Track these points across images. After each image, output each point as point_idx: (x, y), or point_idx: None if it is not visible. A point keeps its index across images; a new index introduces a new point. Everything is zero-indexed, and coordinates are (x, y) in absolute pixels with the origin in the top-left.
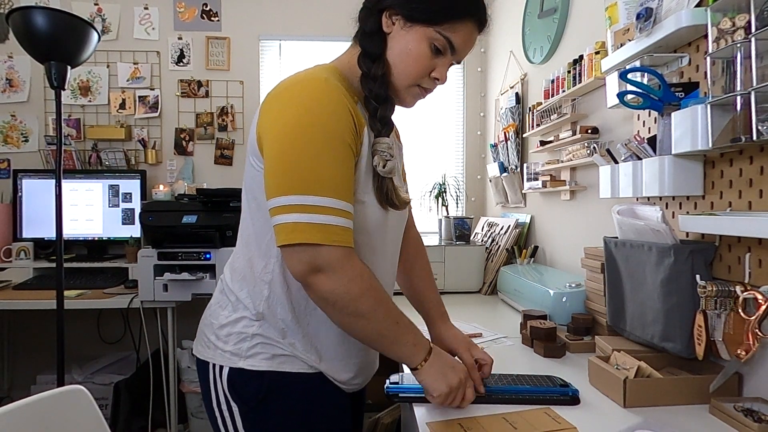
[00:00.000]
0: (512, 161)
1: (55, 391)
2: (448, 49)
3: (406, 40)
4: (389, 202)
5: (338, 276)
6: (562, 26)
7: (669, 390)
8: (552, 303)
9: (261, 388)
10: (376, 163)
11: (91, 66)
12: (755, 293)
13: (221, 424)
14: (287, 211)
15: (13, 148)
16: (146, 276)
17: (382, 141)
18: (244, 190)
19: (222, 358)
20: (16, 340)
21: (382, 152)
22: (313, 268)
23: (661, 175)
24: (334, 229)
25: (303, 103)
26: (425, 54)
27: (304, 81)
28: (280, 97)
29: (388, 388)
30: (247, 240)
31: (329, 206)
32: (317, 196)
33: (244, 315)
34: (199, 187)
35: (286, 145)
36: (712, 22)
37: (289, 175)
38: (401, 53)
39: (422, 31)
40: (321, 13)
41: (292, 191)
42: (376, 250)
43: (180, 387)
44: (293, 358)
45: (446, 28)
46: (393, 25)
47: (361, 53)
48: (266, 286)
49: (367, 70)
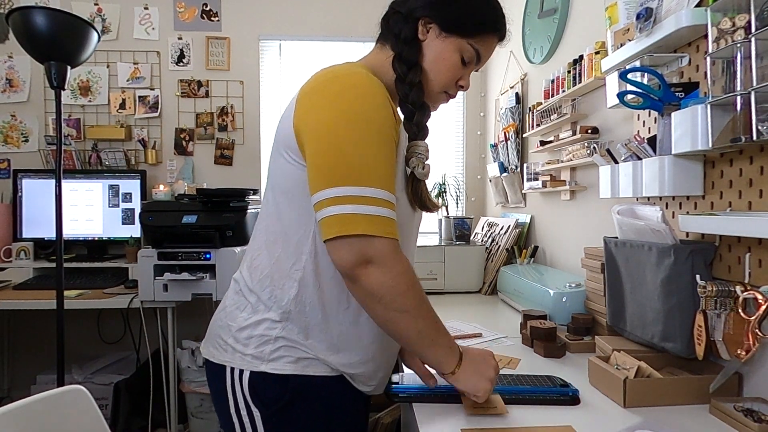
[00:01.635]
0: (512, 161)
1: (55, 391)
2: (475, 60)
3: (441, 50)
4: (422, 204)
5: (388, 269)
6: (562, 26)
7: (669, 390)
8: (552, 303)
9: (285, 393)
10: (414, 165)
11: (91, 66)
12: (755, 293)
13: (239, 429)
14: (337, 202)
15: (13, 148)
16: (146, 276)
17: (420, 144)
18: (271, 187)
19: (242, 362)
20: (16, 340)
21: (419, 155)
22: (364, 259)
23: (661, 175)
24: (384, 221)
25: (347, 96)
26: (457, 64)
27: (345, 74)
28: (320, 90)
29: (388, 388)
30: (273, 237)
31: (378, 197)
32: (367, 187)
33: (266, 317)
34: (199, 187)
35: (331, 137)
36: (712, 22)
37: (336, 167)
38: (435, 61)
39: (456, 42)
40: (321, 13)
41: (342, 182)
42: (403, 249)
43: (180, 387)
44: (316, 361)
45: (477, 40)
46: (427, 33)
47: (396, 57)
48: (295, 284)
49: (404, 75)
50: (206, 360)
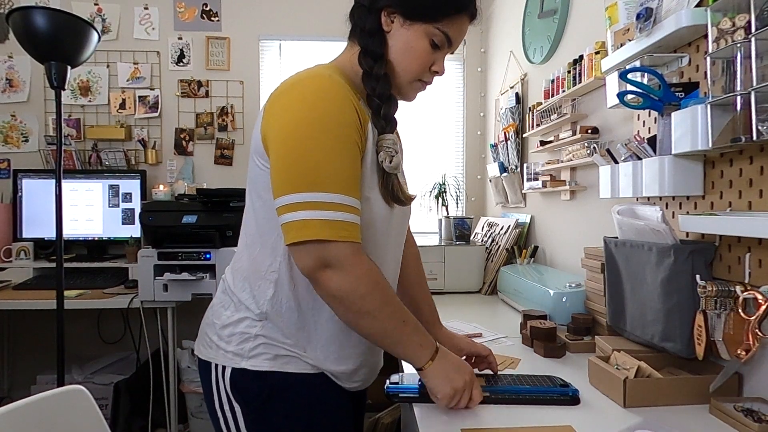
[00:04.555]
0: (512, 161)
1: (55, 391)
2: (446, 43)
3: (407, 38)
4: (395, 198)
5: (346, 272)
6: (562, 26)
7: (669, 390)
8: (552, 303)
9: (264, 389)
10: (382, 159)
11: (91, 66)
12: (755, 293)
13: (224, 425)
14: (295, 209)
15: (13, 148)
16: (146, 276)
17: (387, 137)
18: (248, 190)
19: (224, 359)
20: (16, 340)
21: (387, 148)
22: (322, 263)
23: (661, 175)
24: (342, 225)
25: (307, 100)
26: (426, 50)
27: (307, 79)
28: (283, 96)
29: (388, 388)
30: (251, 240)
31: (337, 202)
32: (325, 192)
33: (247, 315)
34: (199, 187)
35: (291, 142)
36: (712, 22)
37: (295, 173)
38: (403, 51)
39: (422, 29)
40: (321, 13)
41: (300, 189)
42: (380, 246)
43: (180, 387)
44: (296, 358)
45: (444, 24)
46: (392, 23)
47: (362, 52)
48: (271, 285)
49: (369, 68)
50: (197, 356)
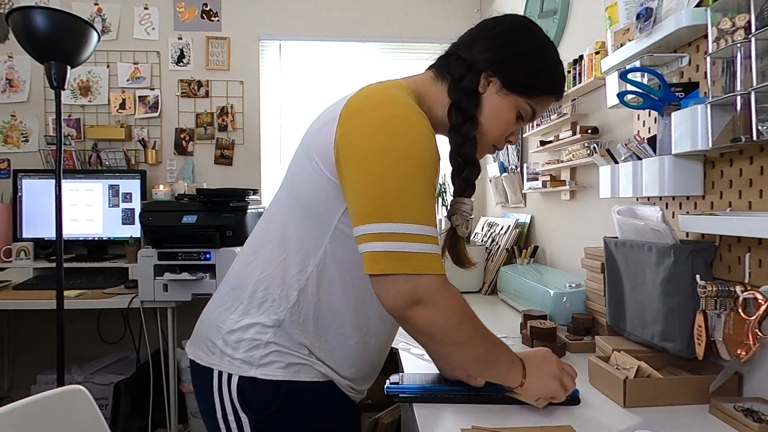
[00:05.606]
0: (512, 161)
1: (55, 391)
2: (529, 117)
3: (498, 105)
4: (459, 260)
5: (438, 306)
6: (562, 26)
7: (669, 390)
8: (552, 303)
9: (276, 398)
10: (458, 223)
11: (91, 66)
12: (755, 293)
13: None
14: (382, 239)
15: (13, 148)
16: (146, 276)
17: (465, 201)
18: (289, 190)
19: (231, 366)
20: (16, 340)
21: (464, 213)
22: (412, 300)
23: (661, 175)
24: (430, 257)
25: (394, 126)
26: (511, 120)
27: (392, 103)
28: (367, 115)
29: (388, 388)
30: (279, 240)
31: (420, 233)
32: (411, 223)
33: (257, 321)
34: (199, 187)
35: (377, 167)
36: (712, 22)
37: (382, 201)
38: (490, 116)
39: (515, 101)
40: (321, 13)
41: (386, 218)
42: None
43: (180, 387)
44: (308, 366)
45: (536, 101)
46: (488, 86)
47: (453, 105)
48: (295, 293)
49: (458, 125)
50: (192, 361)
